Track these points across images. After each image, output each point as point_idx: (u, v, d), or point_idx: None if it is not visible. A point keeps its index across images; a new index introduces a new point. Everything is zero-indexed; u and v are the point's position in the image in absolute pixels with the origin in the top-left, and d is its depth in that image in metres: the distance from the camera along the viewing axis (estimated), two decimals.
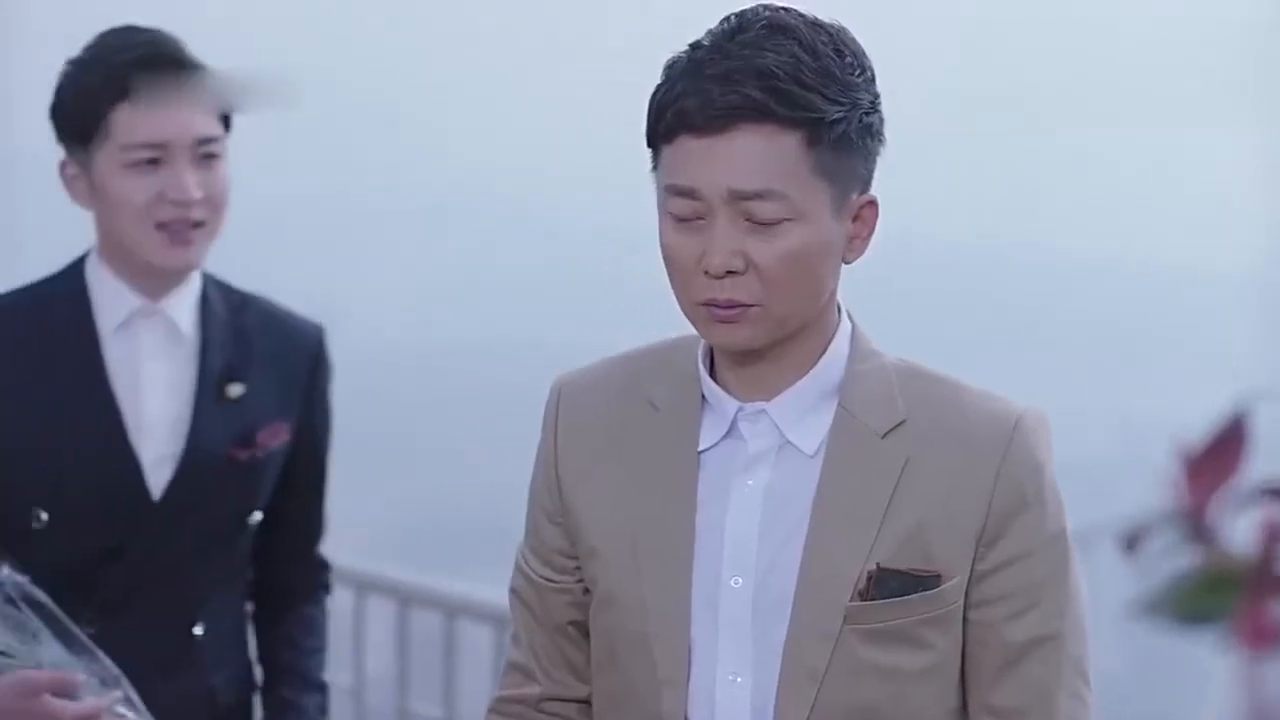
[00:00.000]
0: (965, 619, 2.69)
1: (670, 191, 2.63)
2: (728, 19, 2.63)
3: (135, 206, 3.45)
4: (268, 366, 3.65)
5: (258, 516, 3.65)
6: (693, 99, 2.57)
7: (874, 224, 2.68)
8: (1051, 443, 2.72)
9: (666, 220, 2.65)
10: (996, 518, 2.66)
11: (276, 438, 3.64)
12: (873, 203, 2.68)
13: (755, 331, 2.64)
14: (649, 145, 2.66)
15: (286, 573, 3.81)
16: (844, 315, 2.76)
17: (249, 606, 3.80)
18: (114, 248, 3.53)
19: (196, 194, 3.45)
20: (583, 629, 2.89)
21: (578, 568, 2.86)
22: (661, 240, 2.66)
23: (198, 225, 3.48)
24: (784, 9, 2.63)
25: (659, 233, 2.67)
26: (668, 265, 2.66)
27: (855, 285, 2.81)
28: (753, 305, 2.61)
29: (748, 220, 2.59)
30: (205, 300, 3.62)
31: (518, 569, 2.94)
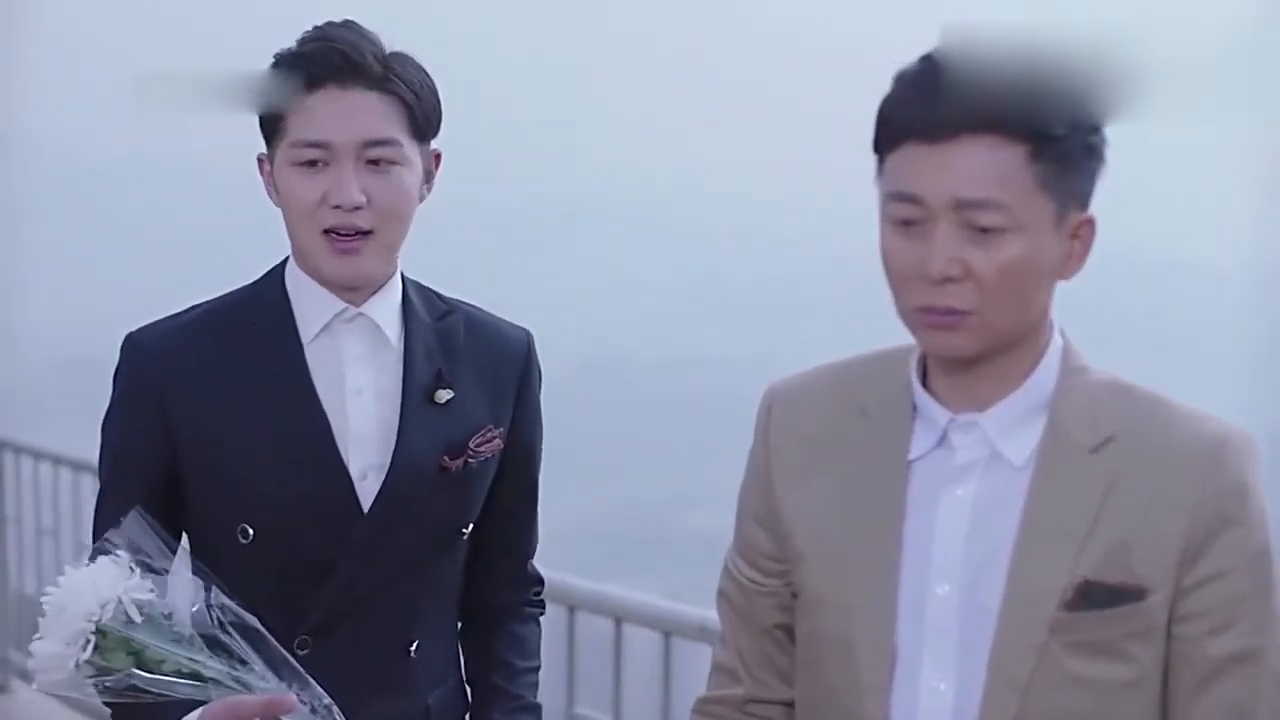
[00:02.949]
0: (1168, 634, 2.72)
1: (893, 198, 2.66)
2: (955, 32, 2.67)
3: (300, 208, 3.34)
4: (476, 372, 3.49)
5: (468, 529, 3.51)
6: (921, 108, 2.62)
7: (1091, 242, 2.71)
8: (1259, 462, 2.75)
9: (887, 226, 2.69)
10: (1200, 535, 2.69)
11: (489, 444, 3.48)
12: (1090, 221, 2.71)
13: (971, 340, 2.68)
14: (875, 152, 2.71)
15: (496, 590, 3.66)
16: (1056, 330, 2.80)
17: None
18: (299, 252, 3.42)
19: (357, 199, 3.30)
20: (788, 632, 2.93)
21: (785, 571, 2.91)
22: (881, 245, 2.70)
23: (366, 234, 3.33)
24: (1012, 23, 2.65)
25: (880, 237, 2.70)
26: (887, 270, 2.70)
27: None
28: (970, 313, 2.65)
29: (969, 228, 2.62)
30: (407, 304, 3.47)
31: (725, 572, 3.00)
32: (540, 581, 3.75)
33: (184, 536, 3.46)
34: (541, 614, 3.76)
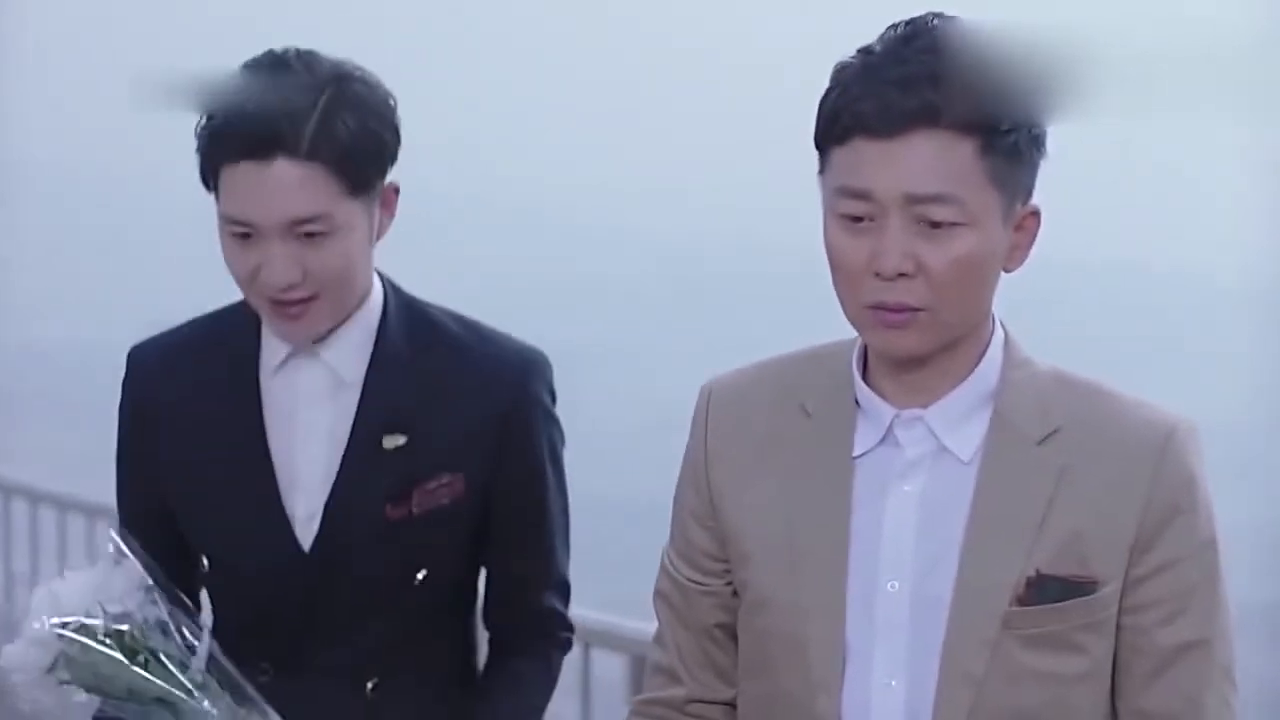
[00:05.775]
0: (1118, 624, 2.73)
1: (842, 193, 2.65)
2: (897, 25, 2.66)
3: (238, 278, 3.20)
4: (448, 413, 3.32)
5: (423, 574, 3.34)
6: (869, 102, 2.60)
7: (1035, 234, 2.72)
8: (1202, 452, 2.75)
9: (834, 222, 2.67)
10: (1151, 525, 2.70)
11: (441, 495, 3.32)
12: (1035, 213, 2.71)
13: (922, 337, 2.67)
14: (817, 148, 2.69)
15: (502, 625, 3.51)
16: (997, 323, 2.79)
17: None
18: None
19: (288, 277, 3.14)
20: (729, 631, 2.91)
21: (726, 570, 2.89)
22: (827, 242, 2.68)
23: (309, 299, 3.18)
24: (956, 18, 2.66)
25: (825, 233, 2.68)
26: (834, 267, 2.68)
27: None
28: (921, 310, 2.64)
29: (920, 223, 2.61)
30: (384, 333, 3.32)
31: (663, 571, 2.97)
32: (557, 617, 3.54)
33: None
34: (558, 651, 3.57)
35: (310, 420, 3.32)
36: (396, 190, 3.28)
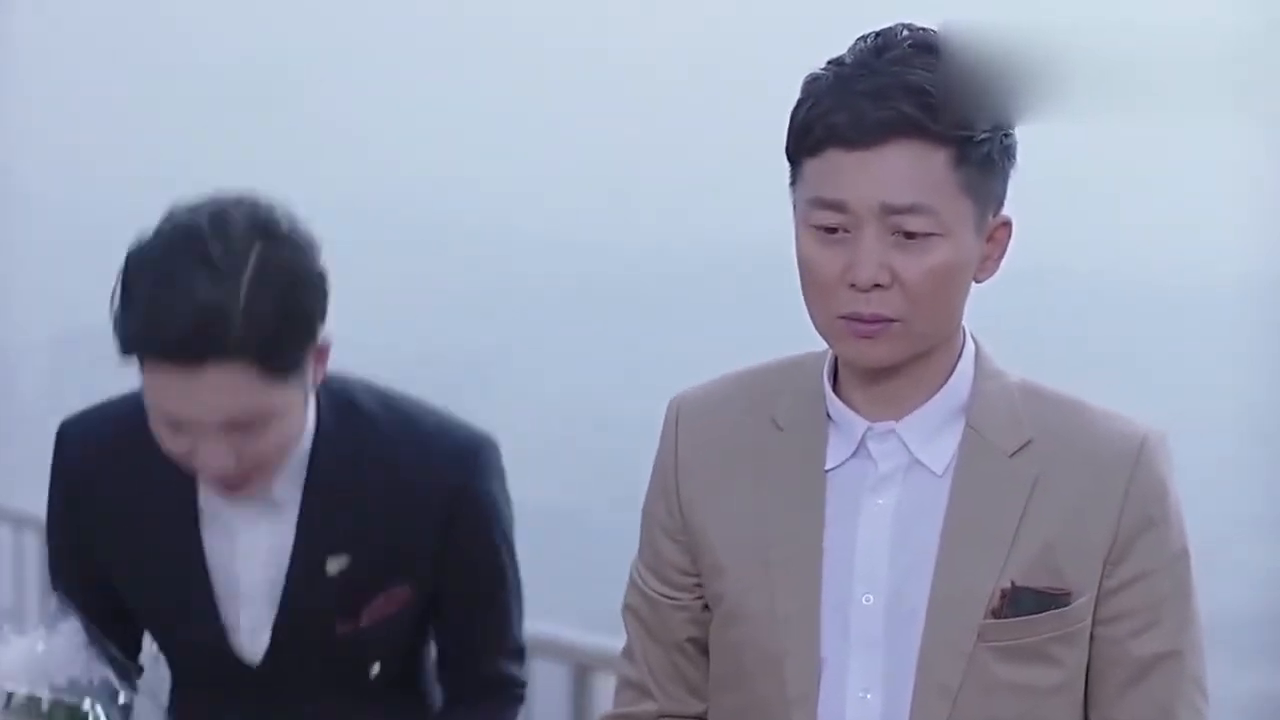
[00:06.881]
0: (1091, 635, 2.74)
1: (815, 204, 2.65)
2: (866, 37, 2.67)
3: (172, 455, 3.11)
4: (388, 526, 3.29)
5: (376, 668, 3.38)
6: (843, 114, 2.60)
7: (1006, 245, 2.73)
8: (1172, 462, 2.76)
9: (807, 233, 2.67)
10: (1124, 536, 2.71)
11: (390, 606, 3.33)
12: (1007, 223, 2.72)
13: (893, 348, 2.67)
14: (789, 159, 2.69)
15: (453, 686, 3.53)
16: (968, 335, 2.80)
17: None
18: None
19: (224, 466, 3.07)
20: (700, 646, 2.91)
21: (696, 584, 2.88)
22: (800, 253, 2.68)
23: (247, 474, 3.11)
24: (926, 28, 2.66)
25: (796, 246, 2.68)
26: (805, 278, 2.68)
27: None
28: (894, 320, 2.64)
29: (895, 234, 2.61)
30: (316, 459, 3.25)
31: (632, 585, 2.96)
32: (510, 681, 3.54)
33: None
34: (511, 707, 3.56)
35: (250, 538, 3.29)
36: (327, 349, 3.16)
